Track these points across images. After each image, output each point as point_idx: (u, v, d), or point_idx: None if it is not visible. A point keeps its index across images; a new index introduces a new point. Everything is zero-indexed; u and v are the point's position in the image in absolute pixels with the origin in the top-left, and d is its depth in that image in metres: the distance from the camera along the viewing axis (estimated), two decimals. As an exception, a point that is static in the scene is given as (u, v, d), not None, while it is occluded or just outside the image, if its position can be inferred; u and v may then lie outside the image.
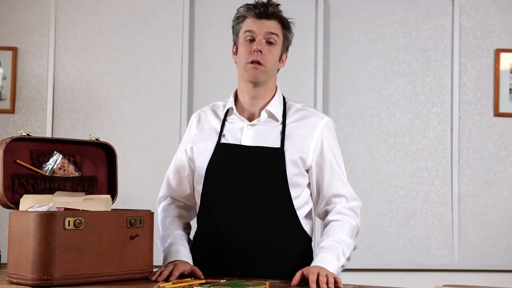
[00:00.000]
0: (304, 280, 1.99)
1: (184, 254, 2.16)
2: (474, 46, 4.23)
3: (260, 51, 2.15)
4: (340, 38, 4.22)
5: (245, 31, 2.19)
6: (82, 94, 4.13)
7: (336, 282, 1.97)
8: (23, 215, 1.88)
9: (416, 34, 4.24)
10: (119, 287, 1.89)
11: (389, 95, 4.22)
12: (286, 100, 2.29)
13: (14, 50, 4.10)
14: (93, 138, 2.20)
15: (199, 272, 2.06)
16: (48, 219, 1.84)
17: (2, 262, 2.31)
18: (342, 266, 2.16)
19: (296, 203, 2.17)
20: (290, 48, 2.29)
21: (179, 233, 2.25)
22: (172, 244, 2.19)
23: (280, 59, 2.23)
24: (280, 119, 2.22)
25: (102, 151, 2.24)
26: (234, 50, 2.26)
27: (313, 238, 2.29)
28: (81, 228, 1.88)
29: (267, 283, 1.92)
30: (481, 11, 4.24)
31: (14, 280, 1.89)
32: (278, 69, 2.28)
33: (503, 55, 4.20)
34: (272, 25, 2.18)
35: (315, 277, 1.96)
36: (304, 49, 4.16)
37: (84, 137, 2.26)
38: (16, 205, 1.99)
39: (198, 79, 4.17)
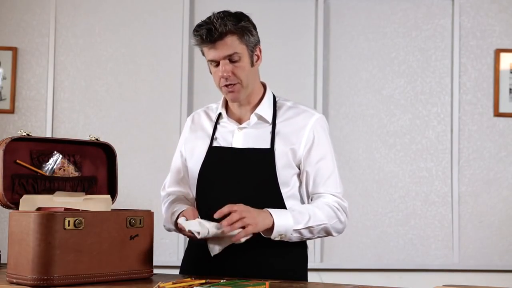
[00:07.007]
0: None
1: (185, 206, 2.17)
2: (474, 46, 4.23)
3: (228, 76, 2.11)
4: (340, 38, 4.21)
5: (208, 60, 2.15)
6: (82, 94, 4.14)
7: (245, 228, 1.96)
8: (23, 215, 1.88)
9: (416, 34, 4.24)
10: (119, 287, 1.89)
11: (389, 95, 4.22)
12: (276, 99, 2.27)
13: (14, 50, 4.09)
14: (93, 138, 2.20)
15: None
16: (48, 219, 1.84)
17: (2, 262, 2.31)
18: (298, 232, 2.09)
19: (287, 201, 2.15)
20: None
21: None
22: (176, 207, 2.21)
23: (252, 63, 2.16)
24: (270, 120, 2.20)
25: (102, 151, 2.24)
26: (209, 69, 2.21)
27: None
28: (81, 228, 1.88)
29: (267, 283, 1.92)
30: (481, 11, 4.24)
31: (14, 280, 1.89)
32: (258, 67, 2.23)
33: (503, 55, 4.20)
34: (228, 44, 2.09)
35: (227, 210, 1.96)
36: (304, 49, 4.15)
37: (84, 137, 2.26)
38: (16, 205, 1.99)
39: (198, 79, 4.17)
